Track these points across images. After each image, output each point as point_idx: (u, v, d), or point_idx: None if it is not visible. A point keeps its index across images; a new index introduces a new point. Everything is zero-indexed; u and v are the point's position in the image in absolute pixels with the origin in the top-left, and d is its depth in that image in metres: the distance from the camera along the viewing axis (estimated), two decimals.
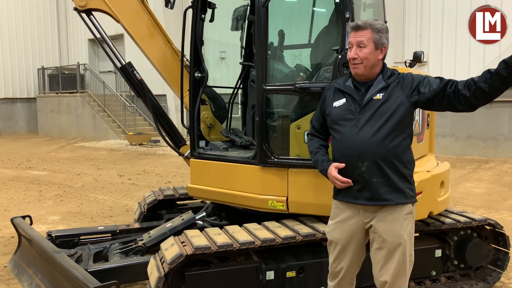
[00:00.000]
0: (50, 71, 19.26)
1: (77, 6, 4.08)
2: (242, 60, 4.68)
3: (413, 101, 2.49)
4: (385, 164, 2.46)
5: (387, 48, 2.53)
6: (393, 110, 2.45)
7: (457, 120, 11.71)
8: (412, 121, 2.62)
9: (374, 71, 2.54)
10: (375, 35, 2.47)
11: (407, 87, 2.49)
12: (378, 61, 2.51)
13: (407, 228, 2.53)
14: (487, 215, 5.51)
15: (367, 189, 2.50)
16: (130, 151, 13.60)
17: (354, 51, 2.49)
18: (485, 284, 3.76)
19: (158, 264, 3.00)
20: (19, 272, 3.95)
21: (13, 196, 7.60)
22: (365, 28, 2.47)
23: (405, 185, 2.51)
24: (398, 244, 2.50)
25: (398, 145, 2.47)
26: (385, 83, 2.51)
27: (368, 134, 2.46)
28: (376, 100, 2.48)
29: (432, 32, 11.93)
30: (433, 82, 2.48)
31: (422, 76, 2.53)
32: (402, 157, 2.49)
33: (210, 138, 4.21)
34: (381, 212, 2.52)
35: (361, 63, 2.49)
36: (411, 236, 2.58)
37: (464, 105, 2.45)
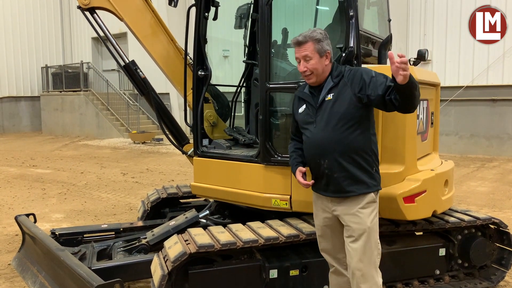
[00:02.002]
0: (53, 69, 19.31)
1: (80, 4, 4.08)
2: (245, 58, 4.68)
3: (360, 98, 2.59)
4: (344, 159, 2.63)
5: (331, 52, 2.68)
6: (345, 107, 2.60)
7: (461, 118, 11.68)
8: (370, 113, 2.70)
9: (324, 76, 2.70)
10: (317, 45, 2.62)
11: (356, 85, 2.60)
12: (326, 66, 2.68)
13: (370, 216, 2.68)
14: (491, 214, 5.49)
15: (332, 183, 2.69)
16: (134, 150, 13.62)
17: (303, 64, 2.66)
18: (489, 283, 3.75)
19: (162, 262, 3.00)
20: (23, 270, 3.96)
21: (17, 194, 7.62)
22: (306, 42, 2.63)
23: (366, 176, 2.66)
24: (362, 230, 2.65)
25: (354, 140, 2.61)
26: (333, 82, 2.67)
27: (325, 134, 2.65)
28: (328, 101, 2.66)
29: (436, 30, 11.89)
30: (379, 86, 2.52)
31: (370, 76, 2.58)
32: (360, 150, 2.64)
33: (213, 136, 4.20)
34: (345, 202, 2.69)
35: (311, 73, 2.67)
36: (375, 224, 2.72)
37: (399, 110, 2.55)
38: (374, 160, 2.71)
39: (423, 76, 3.60)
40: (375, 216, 2.72)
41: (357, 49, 3.17)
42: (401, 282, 3.57)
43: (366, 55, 3.75)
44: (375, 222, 2.72)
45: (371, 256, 2.69)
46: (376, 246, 2.73)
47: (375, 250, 2.71)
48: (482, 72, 11.28)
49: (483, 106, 11.42)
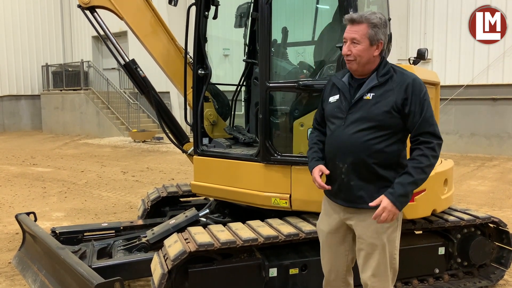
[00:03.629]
0: (54, 68, 19.30)
1: (80, 3, 4.09)
2: (245, 57, 4.68)
3: (399, 109, 2.35)
4: (365, 168, 2.39)
5: (384, 43, 2.39)
6: (383, 113, 2.34)
7: (461, 117, 11.68)
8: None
9: (369, 68, 2.42)
10: (371, 30, 2.33)
11: (401, 94, 2.34)
12: (373, 57, 2.39)
13: (387, 232, 2.46)
14: (491, 213, 5.49)
15: (344, 190, 2.48)
16: (134, 148, 13.63)
17: (348, 46, 2.38)
18: (489, 282, 3.75)
19: (162, 260, 3.01)
20: (24, 268, 3.97)
21: (17, 192, 7.63)
22: (361, 23, 2.34)
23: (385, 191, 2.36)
24: (376, 246, 2.46)
25: (382, 150, 2.37)
26: (377, 81, 2.39)
27: (351, 136, 2.39)
28: (366, 100, 2.38)
29: (436, 29, 11.88)
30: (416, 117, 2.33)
31: (419, 97, 2.34)
32: (387, 162, 2.39)
33: (213, 135, 4.21)
34: (360, 214, 2.47)
35: (354, 60, 2.39)
36: (393, 240, 2.49)
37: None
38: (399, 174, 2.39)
39: (423, 75, 3.60)
40: (393, 232, 2.49)
41: None
42: (400, 281, 3.57)
43: None
44: (393, 239, 2.49)
45: (385, 273, 2.49)
46: (392, 262, 2.51)
47: (391, 269, 2.52)
48: (482, 71, 11.27)
49: (483, 105, 11.42)
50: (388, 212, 2.29)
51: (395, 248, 2.52)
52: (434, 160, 2.33)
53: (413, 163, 2.32)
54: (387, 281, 2.52)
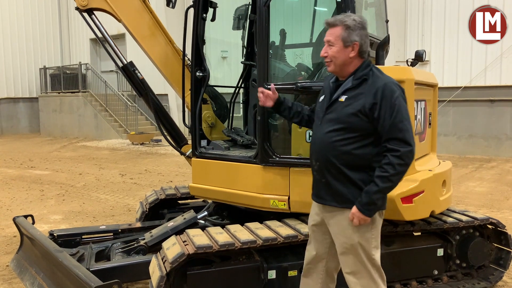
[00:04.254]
0: (52, 70, 19.29)
1: (78, 5, 4.08)
2: (243, 59, 4.68)
3: (367, 115, 2.37)
4: (333, 168, 2.45)
5: (362, 45, 2.42)
6: (351, 115, 2.38)
7: (459, 119, 11.70)
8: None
9: (348, 70, 2.48)
10: (344, 32, 2.39)
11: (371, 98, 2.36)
12: (349, 59, 2.44)
13: (359, 231, 2.46)
14: (489, 214, 5.50)
15: (316, 188, 2.60)
16: (132, 151, 13.61)
17: (324, 49, 2.47)
18: (487, 283, 3.75)
19: (160, 263, 3.00)
20: (21, 271, 3.95)
21: (15, 195, 7.61)
22: (335, 25, 2.43)
23: (354, 191, 2.42)
24: (349, 245, 2.49)
25: (349, 152, 2.40)
26: (351, 84, 2.44)
27: (323, 135, 2.48)
28: (340, 103, 2.45)
29: (434, 31, 11.91)
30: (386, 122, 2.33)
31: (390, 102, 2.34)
32: (355, 164, 2.42)
33: (211, 137, 4.20)
34: (331, 212, 2.54)
35: (330, 61, 2.47)
36: (367, 240, 2.48)
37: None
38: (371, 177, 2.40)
39: (421, 77, 3.61)
40: (367, 232, 2.47)
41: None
42: (399, 283, 3.57)
43: None
44: (367, 239, 2.48)
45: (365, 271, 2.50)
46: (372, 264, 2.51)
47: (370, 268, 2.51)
48: (480, 72, 11.30)
49: (481, 106, 11.44)
50: (358, 218, 2.39)
51: (372, 247, 2.51)
52: (402, 168, 2.32)
53: (379, 172, 2.35)
54: (371, 279, 2.53)
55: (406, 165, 2.33)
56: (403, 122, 2.34)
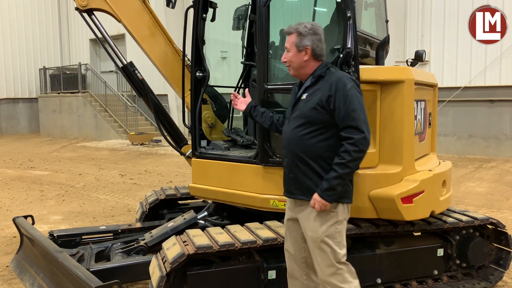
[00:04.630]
0: (51, 71, 19.29)
1: (78, 6, 4.08)
2: (243, 59, 4.68)
3: (324, 106, 2.55)
4: (300, 162, 2.61)
5: (314, 49, 2.62)
6: (310, 110, 2.58)
7: (459, 119, 11.70)
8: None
9: (305, 72, 2.69)
10: (296, 38, 2.62)
11: (326, 91, 2.55)
12: (304, 62, 2.65)
13: (325, 225, 2.59)
14: (489, 214, 5.50)
15: (286, 183, 2.75)
16: (132, 151, 13.61)
17: (284, 55, 2.72)
18: (487, 283, 3.75)
19: (160, 263, 3.00)
20: (21, 271, 3.95)
21: (15, 196, 7.61)
22: (291, 33, 2.66)
23: (320, 184, 2.56)
24: (315, 239, 2.62)
25: (314, 145, 2.57)
26: (310, 82, 2.65)
27: (290, 132, 2.66)
28: (302, 101, 2.66)
29: (433, 31, 11.91)
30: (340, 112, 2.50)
31: (343, 94, 2.51)
32: (320, 157, 2.58)
33: (211, 137, 4.20)
34: (300, 206, 2.68)
35: (289, 66, 2.70)
36: (332, 234, 2.60)
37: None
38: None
39: (420, 77, 3.61)
40: (331, 227, 2.59)
41: (355, 50, 3.18)
42: (399, 283, 3.57)
43: (364, 56, 3.76)
44: (332, 234, 2.60)
45: (330, 267, 2.60)
46: (336, 259, 2.60)
47: (335, 263, 2.60)
48: (480, 73, 11.30)
49: (481, 106, 11.45)
50: (318, 203, 2.54)
51: (337, 242, 2.62)
52: (357, 154, 2.48)
53: (337, 159, 2.51)
54: (340, 275, 2.62)
55: (361, 151, 2.49)
56: (355, 111, 2.50)
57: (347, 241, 3.36)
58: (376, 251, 3.48)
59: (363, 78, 3.22)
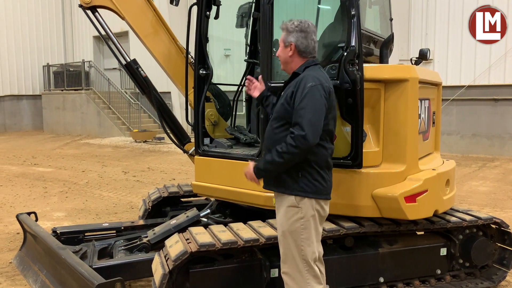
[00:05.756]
0: (55, 68, 19.31)
1: (82, 3, 4.09)
2: (246, 57, 4.67)
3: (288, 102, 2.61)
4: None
5: (296, 45, 2.67)
6: (280, 105, 2.66)
7: (463, 118, 11.66)
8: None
9: (290, 67, 2.75)
10: (284, 34, 2.72)
11: (292, 88, 2.61)
12: (289, 58, 2.72)
13: (289, 220, 2.62)
14: (493, 213, 5.48)
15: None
16: (135, 148, 13.63)
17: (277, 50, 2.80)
18: (491, 283, 3.74)
19: (163, 261, 3.00)
20: (24, 268, 3.97)
21: (18, 192, 7.63)
22: (282, 30, 2.74)
23: (288, 178, 2.61)
24: (281, 232, 2.68)
25: (281, 139, 2.57)
26: (288, 79, 2.76)
27: (269, 126, 2.75)
28: (281, 97, 2.73)
29: (437, 29, 11.87)
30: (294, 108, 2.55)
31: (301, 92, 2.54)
32: None
33: (214, 135, 4.20)
34: (276, 198, 2.75)
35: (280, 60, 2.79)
36: (296, 231, 2.61)
37: None
38: (303, 165, 2.58)
39: (425, 76, 3.59)
40: (295, 222, 2.60)
41: (359, 48, 3.17)
42: (402, 282, 3.57)
43: (368, 54, 3.75)
44: (295, 230, 2.60)
45: (292, 262, 2.62)
46: (300, 256, 2.60)
47: (299, 260, 2.61)
48: (484, 71, 11.26)
49: (485, 105, 11.40)
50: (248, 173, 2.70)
51: (301, 239, 2.62)
52: (291, 149, 2.48)
53: (277, 146, 2.55)
54: (299, 272, 2.64)
55: (297, 147, 2.47)
56: (304, 109, 2.50)
57: (349, 240, 3.38)
58: (379, 250, 3.47)
59: (367, 76, 3.21)
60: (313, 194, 2.61)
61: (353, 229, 3.27)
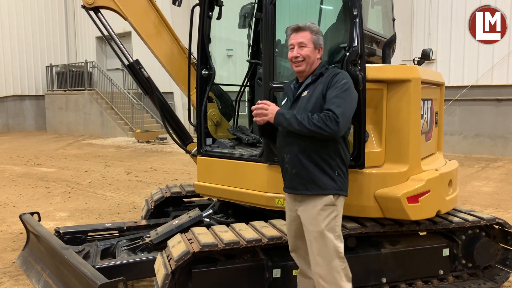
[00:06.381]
0: (58, 68, 19.36)
1: (85, 3, 4.10)
2: (249, 57, 4.68)
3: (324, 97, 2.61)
4: (303, 157, 2.63)
5: (323, 49, 2.77)
6: (312, 104, 2.62)
7: (466, 118, 11.64)
8: None
9: (311, 69, 2.75)
10: (314, 36, 2.71)
11: (326, 83, 2.63)
12: (316, 60, 2.74)
13: (327, 219, 2.61)
14: (496, 214, 5.47)
15: (288, 179, 2.74)
16: (138, 149, 13.65)
17: (296, 50, 2.72)
18: (493, 284, 3.73)
19: (165, 261, 3.01)
20: (28, 268, 3.98)
21: (21, 192, 7.66)
22: (305, 30, 2.71)
23: (325, 178, 2.61)
24: (316, 233, 2.62)
25: (316, 140, 2.57)
26: (311, 80, 2.72)
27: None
28: (303, 97, 2.70)
29: (440, 29, 11.85)
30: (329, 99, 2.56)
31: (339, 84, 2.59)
32: (322, 150, 2.61)
33: (217, 135, 4.20)
34: (304, 201, 2.68)
35: (303, 61, 2.71)
36: (333, 228, 2.64)
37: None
38: (338, 163, 2.65)
39: (427, 76, 3.59)
40: (333, 220, 2.63)
41: (361, 49, 3.16)
42: (404, 282, 3.56)
43: (370, 54, 3.74)
44: (332, 227, 2.63)
45: (330, 261, 2.61)
46: (337, 253, 2.63)
47: (335, 257, 2.62)
48: (487, 71, 11.23)
49: (488, 106, 11.38)
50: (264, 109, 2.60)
51: (337, 236, 2.65)
52: (322, 124, 2.46)
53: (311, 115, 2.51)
54: (336, 272, 2.62)
55: (327, 127, 2.46)
56: (343, 99, 2.54)
57: (352, 240, 3.39)
58: (381, 250, 3.47)
59: (370, 76, 3.20)
60: (345, 192, 2.72)
61: (356, 229, 3.27)
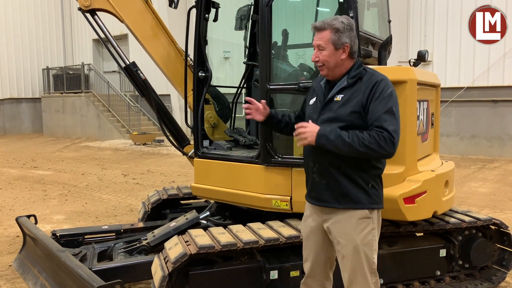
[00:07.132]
0: (54, 71, 19.34)
1: (81, 6, 4.10)
2: (246, 59, 4.68)
3: (364, 107, 2.36)
4: (335, 168, 2.42)
5: (352, 46, 2.41)
6: (348, 113, 2.36)
7: (462, 119, 11.68)
8: None
9: (340, 71, 2.46)
10: (333, 35, 2.38)
11: (367, 92, 2.35)
12: (341, 61, 2.42)
13: (362, 233, 2.43)
14: (492, 214, 5.48)
15: (315, 190, 2.53)
16: (135, 151, 13.63)
17: (315, 53, 2.46)
18: (490, 284, 3.74)
19: (162, 263, 3.01)
20: (24, 271, 3.96)
21: (18, 195, 7.63)
22: (324, 29, 2.41)
23: (358, 191, 2.41)
24: (351, 247, 2.43)
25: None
26: (347, 83, 2.42)
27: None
28: (336, 102, 2.42)
29: (436, 31, 11.89)
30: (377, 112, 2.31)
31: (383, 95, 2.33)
32: (357, 163, 2.39)
33: (214, 137, 4.21)
34: (333, 214, 2.47)
35: (322, 65, 2.45)
36: (369, 242, 2.46)
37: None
38: (372, 175, 2.44)
39: (423, 77, 3.60)
40: (369, 234, 2.45)
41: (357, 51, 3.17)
42: (401, 283, 3.57)
43: (366, 56, 3.76)
44: (369, 242, 2.45)
45: (363, 278, 2.45)
46: (371, 269, 2.47)
47: (369, 273, 2.46)
48: (483, 73, 11.27)
49: (484, 107, 11.42)
50: (308, 132, 2.32)
51: (372, 251, 2.48)
52: (375, 146, 2.24)
53: (359, 134, 2.28)
54: (368, 286, 2.47)
55: (381, 148, 2.25)
56: (392, 115, 2.31)
57: None
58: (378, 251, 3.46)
59: None
60: (380, 204, 2.50)
61: None
